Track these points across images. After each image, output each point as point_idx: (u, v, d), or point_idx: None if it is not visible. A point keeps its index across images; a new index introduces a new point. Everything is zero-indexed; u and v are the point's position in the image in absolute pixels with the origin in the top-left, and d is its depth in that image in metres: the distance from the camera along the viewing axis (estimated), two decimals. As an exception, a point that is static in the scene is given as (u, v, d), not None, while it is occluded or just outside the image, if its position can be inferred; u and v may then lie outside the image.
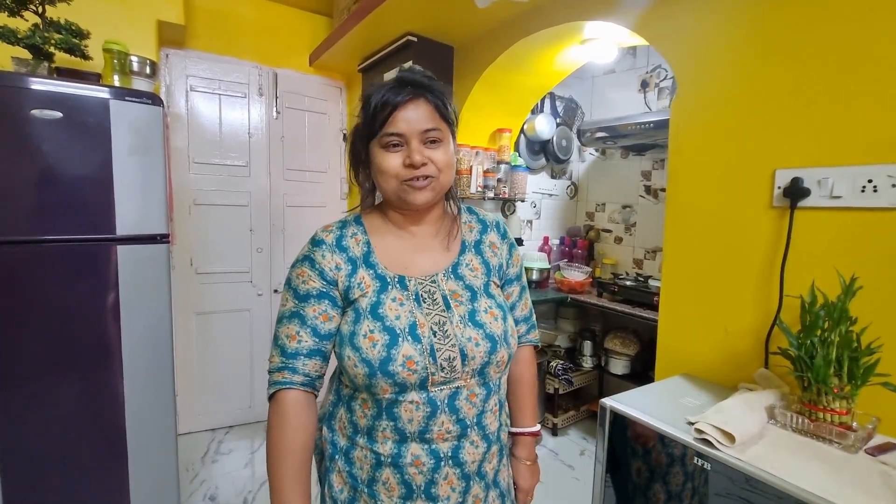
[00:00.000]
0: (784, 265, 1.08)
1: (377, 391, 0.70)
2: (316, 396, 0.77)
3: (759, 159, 1.14)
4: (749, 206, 1.16)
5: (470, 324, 0.74)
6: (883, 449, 0.84)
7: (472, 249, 0.84)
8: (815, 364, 0.88)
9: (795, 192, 1.06)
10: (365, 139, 0.77)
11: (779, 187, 1.10)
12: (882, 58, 0.94)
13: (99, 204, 1.39)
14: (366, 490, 0.74)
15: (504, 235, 0.89)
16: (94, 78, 1.55)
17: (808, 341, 0.90)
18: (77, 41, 1.51)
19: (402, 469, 0.72)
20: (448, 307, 0.75)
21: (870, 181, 0.96)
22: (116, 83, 1.58)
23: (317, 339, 0.74)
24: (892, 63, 0.93)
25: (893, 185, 0.93)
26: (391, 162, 0.74)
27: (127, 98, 1.41)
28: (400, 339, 0.70)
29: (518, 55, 2.05)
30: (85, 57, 1.56)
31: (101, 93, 1.37)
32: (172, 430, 1.58)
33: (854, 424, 0.87)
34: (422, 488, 0.72)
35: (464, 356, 0.72)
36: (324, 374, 0.77)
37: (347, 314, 0.74)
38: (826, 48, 1.02)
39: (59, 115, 1.32)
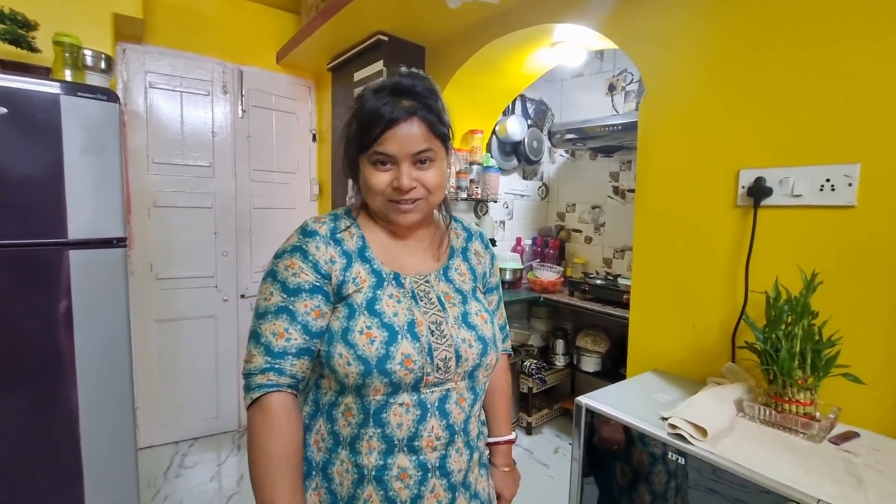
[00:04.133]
0: (749, 262, 1.11)
1: (368, 392, 0.67)
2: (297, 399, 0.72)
3: (724, 159, 1.18)
4: (715, 205, 1.20)
5: (464, 325, 0.73)
6: (845, 437, 0.87)
7: (460, 255, 0.84)
8: (780, 357, 0.91)
9: (759, 191, 1.09)
10: (356, 150, 0.74)
11: (743, 187, 1.14)
12: (838, 63, 0.99)
13: (49, 206, 1.30)
14: None
15: (487, 246, 0.91)
16: (42, 72, 1.45)
17: (774, 335, 0.94)
18: (24, 32, 1.41)
19: (386, 484, 0.68)
20: (443, 307, 0.74)
21: (828, 180, 1.00)
22: (68, 78, 1.49)
23: (307, 338, 0.68)
24: (848, 68, 0.97)
25: (850, 185, 0.97)
26: (379, 181, 0.71)
27: (79, 94, 1.32)
28: (399, 336, 0.67)
29: (489, 56, 2.06)
30: (32, 49, 1.46)
31: (52, 87, 1.29)
32: (132, 445, 1.49)
33: (818, 415, 0.90)
34: (406, 503, 0.69)
35: (458, 357, 0.71)
36: (307, 377, 0.73)
37: (339, 310, 0.70)
38: (787, 53, 1.06)
39: (3, 110, 1.23)
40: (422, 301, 0.73)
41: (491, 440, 0.89)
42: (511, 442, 0.91)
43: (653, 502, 0.94)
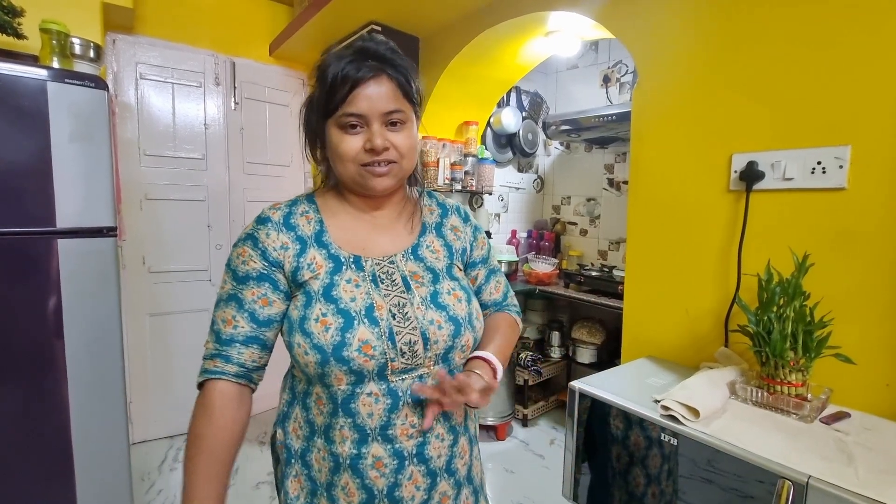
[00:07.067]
0: (741, 246, 1.11)
1: (331, 381, 0.66)
2: (252, 390, 0.71)
3: (716, 145, 1.17)
4: (708, 190, 1.20)
5: (432, 306, 0.70)
6: (836, 417, 0.87)
7: (433, 231, 0.80)
8: (772, 339, 0.91)
9: (751, 175, 1.09)
10: (321, 116, 0.71)
11: (735, 171, 1.13)
12: (830, 44, 0.98)
13: (36, 194, 1.28)
14: (325, 494, 0.69)
15: (466, 219, 0.85)
16: (29, 60, 1.43)
17: (766, 317, 0.94)
18: (9, 18, 1.39)
19: (362, 473, 0.67)
20: (408, 288, 0.71)
21: (819, 163, 1.00)
22: (56, 66, 1.46)
23: (254, 326, 0.68)
24: (839, 49, 0.97)
25: (840, 167, 0.97)
26: (349, 145, 0.68)
27: (67, 80, 1.30)
28: (355, 321, 0.65)
29: (483, 46, 2.05)
30: (19, 36, 1.44)
31: (38, 73, 1.27)
32: (124, 439, 1.48)
33: (809, 396, 0.90)
34: (384, 492, 0.68)
35: (426, 340, 0.68)
36: (264, 366, 0.71)
37: (297, 298, 0.69)
38: (779, 37, 1.06)
39: (-12, 96, 1.21)
40: (383, 283, 0.70)
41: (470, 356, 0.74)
42: (486, 361, 0.72)
43: (647, 485, 0.94)
